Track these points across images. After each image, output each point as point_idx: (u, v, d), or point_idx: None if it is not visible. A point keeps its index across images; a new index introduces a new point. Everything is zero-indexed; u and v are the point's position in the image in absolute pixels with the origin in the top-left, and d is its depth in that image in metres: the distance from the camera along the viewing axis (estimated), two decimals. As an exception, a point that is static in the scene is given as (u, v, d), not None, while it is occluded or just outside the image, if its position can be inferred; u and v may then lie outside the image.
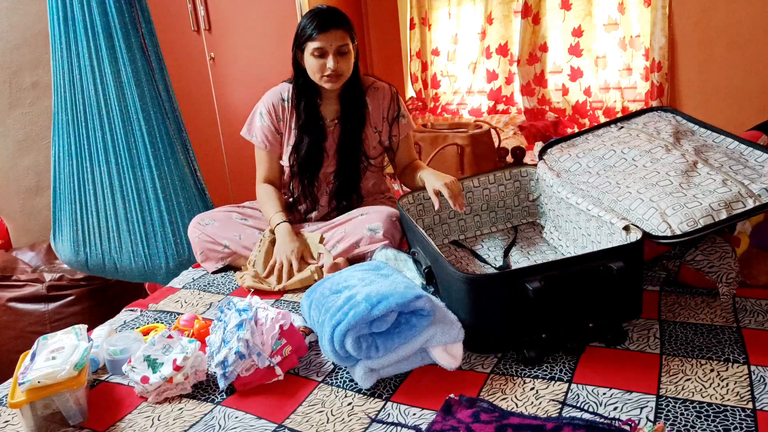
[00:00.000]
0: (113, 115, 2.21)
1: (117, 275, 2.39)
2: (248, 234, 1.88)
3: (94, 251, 2.33)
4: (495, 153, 2.53)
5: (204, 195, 2.42)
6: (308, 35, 1.74)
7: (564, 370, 1.22)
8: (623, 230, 1.35)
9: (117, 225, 2.29)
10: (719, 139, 1.59)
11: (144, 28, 2.20)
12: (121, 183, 2.26)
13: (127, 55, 2.16)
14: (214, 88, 3.21)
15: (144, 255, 2.30)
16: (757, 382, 1.12)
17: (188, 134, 2.39)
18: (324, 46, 1.72)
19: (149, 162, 2.23)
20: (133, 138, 2.22)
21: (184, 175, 2.32)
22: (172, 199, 2.27)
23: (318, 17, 1.74)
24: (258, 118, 1.93)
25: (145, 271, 2.33)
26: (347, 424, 1.13)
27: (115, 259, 2.33)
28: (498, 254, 1.75)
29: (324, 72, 1.75)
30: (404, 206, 1.76)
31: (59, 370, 1.16)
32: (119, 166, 2.24)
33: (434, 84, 3.59)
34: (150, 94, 2.21)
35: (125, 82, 2.18)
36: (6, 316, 2.48)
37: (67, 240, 2.36)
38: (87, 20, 2.14)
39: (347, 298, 1.24)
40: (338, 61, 1.74)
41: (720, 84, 2.77)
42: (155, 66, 2.24)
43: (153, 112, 2.22)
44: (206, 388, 1.29)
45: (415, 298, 1.21)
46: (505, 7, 3.25)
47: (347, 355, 1.21)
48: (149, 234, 2.28)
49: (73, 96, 2.22)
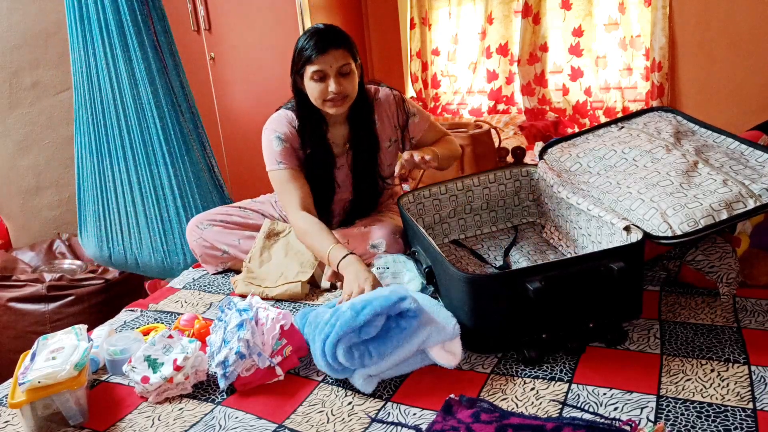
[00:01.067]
0: (129, 113, 2.23)
1: (138, 270, 2.42)
2: (247, 240, 1.86)
3: (117, 247, 2.36)
4: (495, 153, 2.53)
5: (222, 191, 2.44)
6: (306, 58, 1.63)
7: (564, 371, 1.22)
8: (624, 230, 1.35)
9: (137, 221, 2.32)
10: (720, 139, 1.59)
11: (157, 26, 2.22)
12: (139, 180, 2.28)
13: (140, 53, 2.18)
14: (214, 88, 3.21)
15: (163, 251, 2.32)
16: (758, 382, 1.12)
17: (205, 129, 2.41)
18: (323, 68, 1.62)
19: (165, 159, 2.25)
20: (149, 135, 2.25)
21: (200, 171, 2.33)
22: (188, 195, 2.30)
23: (314, 37, 1.62)
24: (276, 143, 1.74)
25: (164, 267, 2.35)
26: (347, 424, 1.13)
27: (136, 255, 2.35)
28: (498, 254, 1.75)
29: (326, 96, 1.65)
30: (404, 205, 1.76)
31: (59, 370, 1.16)
32: (136, 163, 2.27)
33: (434, 84, 3.59)
34: (164, 92, 2.23)
35: (139, 80, 2.20)
36: (6, 316, 2.48)
37: (92, 236, 2.40)
38: (101, 19, 2.16)
39: (334, 311, 1.24)
40: (341, 83, 1.63)
41: (720, 84, 2.77)
42: (169, 64, 2.26)
43: (167, 110, 2.24)
44: (206, 388, 1.29)
45: (400, 300, 1.20)
46: (506, 7, 3.25)
47: (342, 366, 1.21)
48: (167, 230, 2.31)
49: (91, 94, 2.25)
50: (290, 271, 1.74)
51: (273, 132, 1.76)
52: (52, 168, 3.00)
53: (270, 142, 1.75)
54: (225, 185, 2.48)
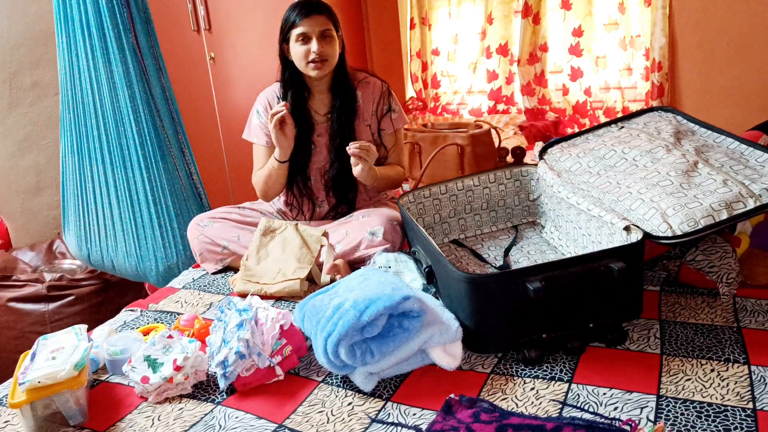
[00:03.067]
0: (107, 116, 2.22)
1: (115, 272, 2.42)
2: (247, 234, 1.88)
3: (95, 247, 2.36)
4: (495, 153, 2.53)
5: (200, 198, 2.41)
6: (292, 22, 1.79)
7: (564, 370, 1.22)
8: (624, 230, 1.35)
9: (113, 224, 2.31)
10: (720, 139, 1.59)
11: (139, 28, 2.19)
12: (116, 183, 2.26)
13: (119, 55, 2.16)
14: (214, 88, 3.21)
15: (136, 255, 2.30)
16: (758, 382, 1.12)
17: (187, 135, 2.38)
18: (307, 30, 1.77)
19: (140, 163, 2.23)
20: (125, 138, 2.23)
21: (176, 178, 2.30)
22: (162, 201, 2.27)
23: (299, 5, 1.80)
24: (255, 116, 1.96)
25: (138, 272, 2.34)
26: (347, 424, 1.13)
27: (112, 257, 2.35)
28: (498, 254, 1.75)
29: (309, 57, 1.79)
30: (404, 205, 1.76)
31: (59, 370, 1.16)
32: (113, 166, 2.25)
33: (434, 84, 3.59)
34: (141, 96, 2.20)
35: (117, 83, 2.18)
36: (6, 316, 2.48)
37: (73, 234, 2.40)
38: (83, 20, 2.15)
39: (336, 307, 1.23)
40: (322, 45, 1.78)
41: (720, 84, 2.77)
42: (150, 67, 2.23)
43: (144, 114, 2.21)
44: (206, 388, 1.29)
45: (403, 299, 1.20)
46: (506, 7, 3.25)
47: (343, 364, 1.20)
48: (140, 235, 2.28)
49: (73, 95, 2.24)
50: (288, 267, 1.74)
51: (257, 104, 1.97)
52: (52, 168, 3.00)
53: (251, 115, 1.98)
54: (204, 193, 2.44)
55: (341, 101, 1.89)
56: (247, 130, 1.99)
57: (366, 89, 1.93)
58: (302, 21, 1.77)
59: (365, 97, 1.93)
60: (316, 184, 1.97)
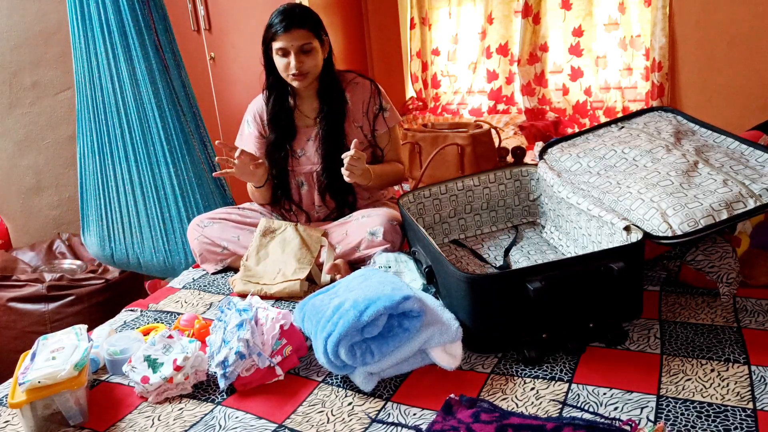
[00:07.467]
0: (130, 113, 2.24)
1: (141, 270, 2.43)
2: (247, 235, 1.88)
3: (119, 246, 2.37)
4: (495, 153, 2.53)
5: (224, 191, 2.45)
6: (272, 35, 1.78)
7: (564, 370, 1.22)
8: (624, 230, 1.35)
9: (138, 221, 2.33)
10: (720, 139, 1.59)
11: (158, 25, 2.22)
12: (141, 179, 2.29)
13: (141, 53, 2.18)
14: (214, 88, 3.21)
15: (164, 251, 2.33)
16: (758, 382, 1.12)
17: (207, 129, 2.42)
18: (286, 46, 1.76)
19: (166, 159, 2.26)
20: (150, 135, 2.25)
21: (201, 171, 2.33)
22: (190, 195, 2.30)
23: (281, 16, 1.77)
24: (246, 126, 1.99)
25: (166, 267, 2.36)
26: (347, 424, 1.13)
27: (138, 255, 2.36)
28: (498, 254, 1.75)
29: (288, 71, 1.79)
30: (404, 205, 1.76)
31: (59, 370, 1.16)
32: (138, 163, 2.28)
33: (434, 84, 3.59)
34: (165, 91, 2.23)
35: (140, 80, 2.21)
36: (6, 316, 2.48)
37: (95, 235, 2.41)
38: (103, 19, 2.17)
39: (336, 307, 1.23)
40: (302, 61, 1.77)
41: (720, 84, 2.76)
42: (171, 63, 2.26)
43: (168, 109, 2.24)
44: (206, 388, 1.29)
45: (404, 299, 1.20)
46: (506, 6, 3.24)
47: (343, 364, 1.20)
48: (168, 230, 2.31)
49: (93, 94, 2.25)
50: (288, 267, 1.74)
51: (247, 114, 1.99)
52: (52, 168, 3.00)
53: (242, 124, 2.01)
54: (227, 185, 2.48)
55: (329, 106, 1.89)
56: (239, 138, 2.01)
57: (355, 90, 1.92)
58: (282, 35, 1.75)
59: (355, 98, 1.92)
60: (310, 189, 1.97)
